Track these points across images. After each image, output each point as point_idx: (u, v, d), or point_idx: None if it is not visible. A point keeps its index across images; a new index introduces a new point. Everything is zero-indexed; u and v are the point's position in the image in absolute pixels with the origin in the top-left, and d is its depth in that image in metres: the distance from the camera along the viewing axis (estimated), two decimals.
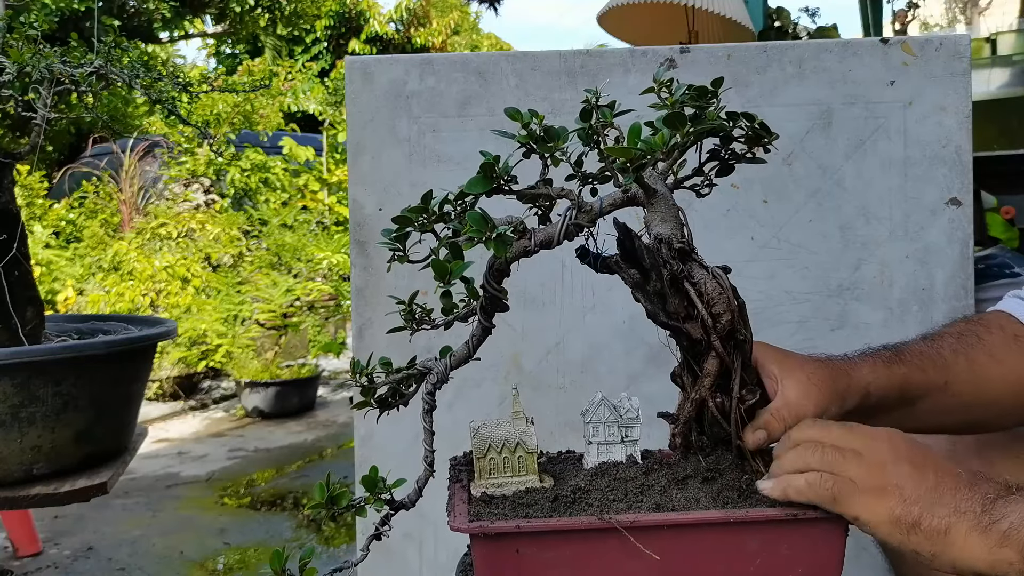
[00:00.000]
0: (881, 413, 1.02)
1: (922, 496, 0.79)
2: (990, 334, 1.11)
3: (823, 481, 0.80)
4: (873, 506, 0.79)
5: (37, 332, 1.63)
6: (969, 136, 1.58)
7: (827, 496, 0.80)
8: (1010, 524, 0.75)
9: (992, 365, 1.08)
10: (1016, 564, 0.75)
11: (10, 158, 1.57)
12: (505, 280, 0.84)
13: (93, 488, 1.52)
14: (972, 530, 0.77)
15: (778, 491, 0.82)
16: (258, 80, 7.48)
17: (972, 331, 1.11)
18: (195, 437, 4.61)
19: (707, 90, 0.82)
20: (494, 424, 0.91)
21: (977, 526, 0.77)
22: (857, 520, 0.80)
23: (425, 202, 0.80)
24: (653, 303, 0.87)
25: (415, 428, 0.85)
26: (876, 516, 0.79)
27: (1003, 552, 0.75)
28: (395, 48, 13.42)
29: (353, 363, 0.86)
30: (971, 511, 0.77)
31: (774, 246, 1.61)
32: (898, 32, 5.01)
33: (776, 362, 0.96)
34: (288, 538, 3.15)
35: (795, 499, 0.81)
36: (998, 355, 1.09)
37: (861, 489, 0.80)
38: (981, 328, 1.12)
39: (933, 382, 1.05)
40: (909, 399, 1.04)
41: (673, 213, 0.86)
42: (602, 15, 3.27)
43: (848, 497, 0.80)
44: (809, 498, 0.80)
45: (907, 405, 1.04)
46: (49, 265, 5.51)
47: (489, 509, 0.83)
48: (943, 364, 1.06)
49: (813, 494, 0.80)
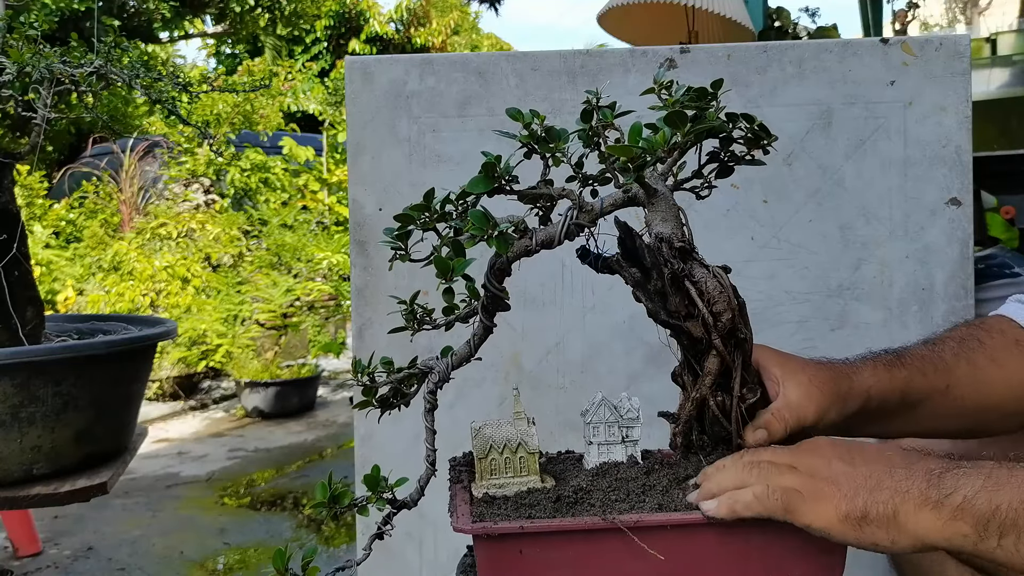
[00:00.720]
0: (882, 417, 1.02)
1: (860, 486, 0.78)
2: (991, 338, 1.11)
3: (771, 493, 0.79)
4: (821, 511, 0.78)
5: (37, 332, 1.63)
6: (969, 136, 1.58)
7: (778, 508, 0.79)
8: (963, 497, 0.75)
9: (993, 369, 1.08)
10: (970, 536, 0.74)
11: (10, 158, 1.57)
12: (506, 280, 0.84)
13: (93, 488, 1.52)
14: (921, 507, 0.76)
15: (724, 509, 0.80)
16: (258, 80, 7.48)
17: (973, 335, 1.11)
18: (195, 437, 4.61)
19: (707, 91, 0.82)
20: (495, 425, 0.91)
21: (926, 502, 0.76)
22: (810, 527, 0.79)
23: (427, 200, 0.80)
24: (654, 302, 0.87)
25: (415, 428, 0.85)
26: (826, 519, 0.78)
27: (957, 525, 0.74)
28: (395, 48, 13.42)
29: (355, 363, 0.86)
30: (914, 488, 0.77)
31: (774, 246, 1.61)
32: (898, 32, 5.01)
33: (778, 364, 0.96)
34: (288, 538, 3.15)
35: (743, 514, 0.80)
36: (999, 359, 1.09)
37: (806, 497, 0.79)
38: (983, 332, 1.12)
39: (934, 386, 1.05)
40: (910, 403, 1.04)
41: (673, 213, 0.86)
42: (602, 15, 3.27)
43: (797, 506, 0.79)
44: (758, 512, 0.79)
45: (908, 409, 1.04)
46: (49, 265, 5.51)
47: (491, 510, 0.83)
48: (944, 368, 1.06)
49: (762, 507, 0.79)
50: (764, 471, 0.82)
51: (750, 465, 0.83)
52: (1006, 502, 0.73)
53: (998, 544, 0.73)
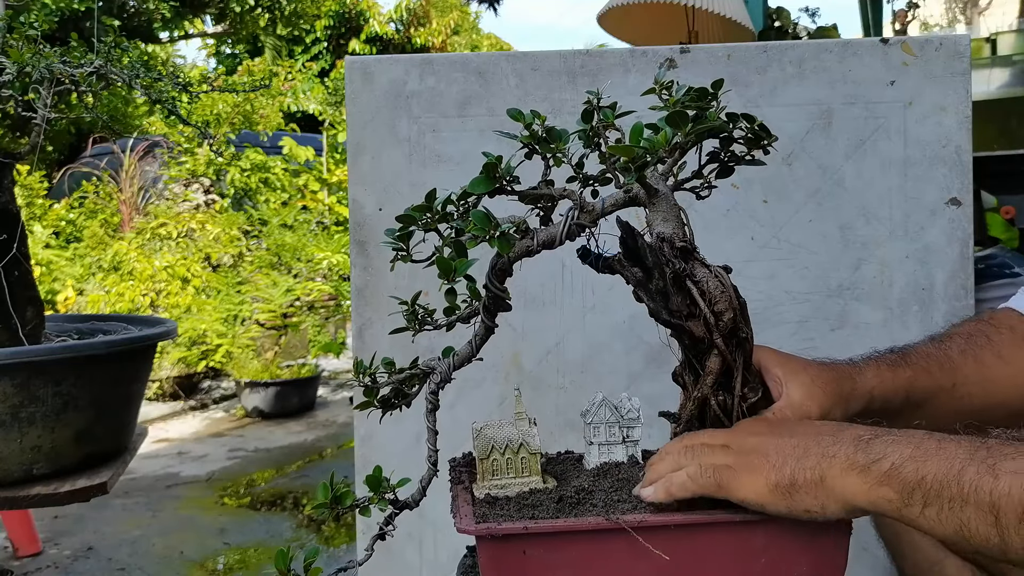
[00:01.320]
0: (887, 416, 1.01)
1: (788, 455, 0.79)
2: (1000, 334, 1.11)
3: (703, 472, 0.81)
4: (751, 483, 0.79)
5: (37, 332, 1.63)
6: (969, 136, 1.58)
7: (711, 484, 0.80)
8: (891, 464, 0.75)
9: (1001, 366, 1.08)
10: (895, 501, 0.75)
11: (10, 158, 1.57)
12: (507, 280, 0.84)
13: (93, 488, 1.52)
14: (848, 470, 0.77)
15: (661, 492, 0.81)
16: (258, 80, 7.48)
17: (982, 331, 1.11)
18: (195, 437, 4.61)
19: (707, 91, 0.82)
20: (496, 425, 0.91)
21: (853, 466, 0.77)
22: (745, 501, 0.80)
23: (429, 201, 0.80)
24: (656, 301, 0.87)
25: (415, 428, 0.85)
26: (757, 491, 0.79)
27: (882, 490, 0.75)
28: (395, 48, 13.41)
29: (356, 363, 0.86)
30: (840, 453, 0.78)
31: (774, 246, 1.61)
32: (898, 32, 5.01)
33: (780, 365, 0.96)
34: (288, 538, 3.15)
35: (679, 495, 0.81)
36: (1007, 356, 1.09)
37: (737, 472, 0.80)
38: (991, 328, 1.12)
39: (940, 384, 1.05)
40: (915, 402, 1.03)
41: (675, 213, 0.86)
42: (602, 15, 3.27)
43: (730, 481, 0.80)
44: (693, 491, 0.81)
45: (914, 408, 1.04)
46: (49, 265, 5.51)
47: (494, 511, 0.83)
48: (951, 366, 1.06)
49: (696, 486, 0.81)
50: (698, 452, 0.83)
51: (686, 448, 0.84)
52: (932, 473, 0.73)
53: (921, 512, 0.74)
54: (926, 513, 0.74)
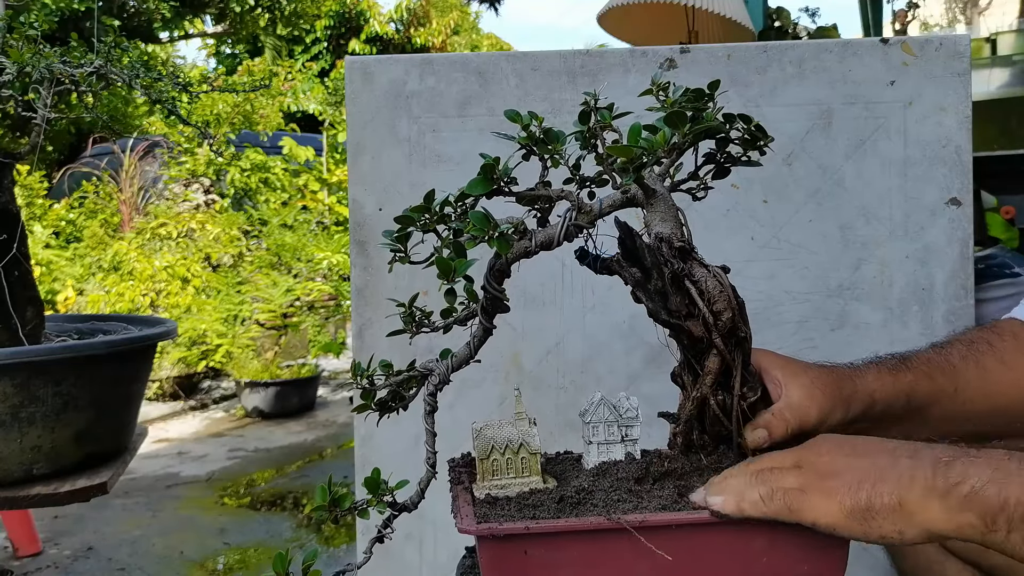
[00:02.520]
0: (888, 421, 1.02)
1: (863, 478, 0.77)
2: (1002, 341, 1.10)
3: (774, 495, 0.79)
4: (825, 506, 0.77)
5: (37, 332, 1.63)
6: (969, 136, 1.58)
7: (783, 509, 0.79)
8: (971, 488, 0.73)
9: (1003, 372, 1.07)
10: (978, 527, 0.73)
11: (10, 158, 1.57)
12: (505, 280, 0.84)
13: (93, 488, 1.52)
14: (927, 495, 0.74)
15: (732, 505, 0.80)
16: (258, 80, 7.48)
17: (983, 338, 1.10)
18: (195, 437, 4.62)
19: (704, 92, 0.82)
20: (496, 425, 0.91)
21: (932, 490, 0.74)
22: (816, 524, 0.79)
23: (427, 201, 0.80)
24: (654, 301, 0.87)
25: (415, 428, 0.85)
26: (831, 514, 0.77)
27: (964, 516, 0.73)
28: (395, 48, 13.42)
29: (354, 365, 0.86)
30: (920, 476, 0.75)
31: (774, 246, 1.61)
32: (898, 32, 5.01)
33: (780, 367, 0.96)
34: (288, 538, 3.15)
35: (749, 513, 0.80)
36: (1009, 361, 1.08)
37: (809, 495, 0.78)
38: (993, 335, 1.11)
39: (942, 389, 1.04)
40: (916, 406, 1.03)
41: (673, 213, 0.86)
42: (602, 15, 3.27)
43: (801, 504, 0.78)
44: (764, 513, 0.79)
45: (915, 412, 1.03)
46: (49, 265, 5.51)
47: (495, 511, 0.83)
48: (952, 371, 1.05)
49: (767, 509, 0.79)
50: (767, 477, 0.82)
51: (754, 474, 0.82)
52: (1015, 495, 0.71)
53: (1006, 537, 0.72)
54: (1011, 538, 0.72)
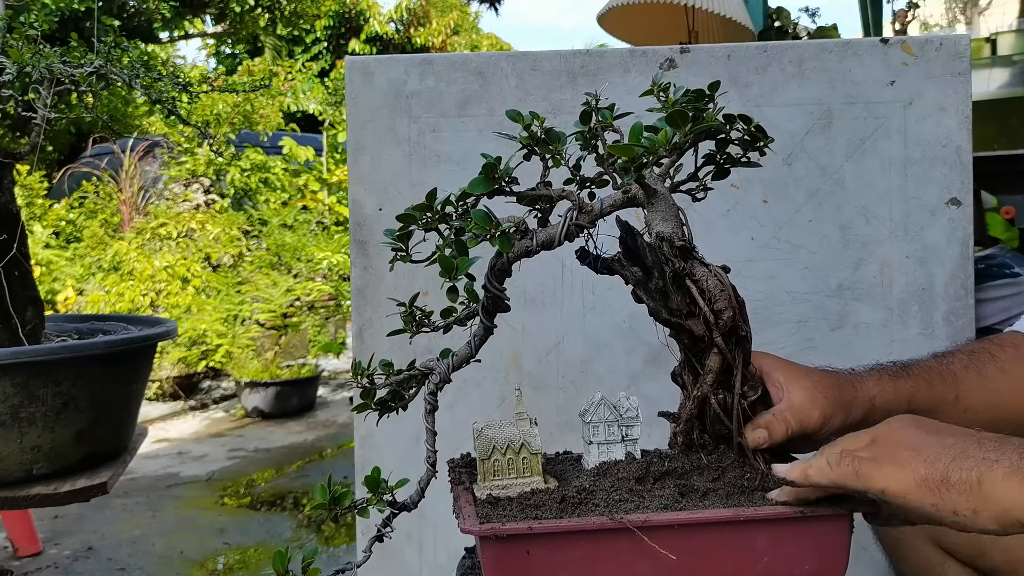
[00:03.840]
0: None
1: (943, 453, 0.76)
2: (1004, 351, 1.10)
3: (843, 458, 0.78)
4: (896, 475, 0.76)
5: (37, 332, 1.63)
6: (969, 136, 1.58)
7: (849, 473, 0.78)
8: None
9: (1004, 380, 1.07)
10: None
11: (10, 158, 1.57)
12: (506, 280, 0.84)
13: (93, 488, 1.52)
14: (1011, 476, 0.72)
15: (797, 472, 0.80)
16: (258, 80, 7.48)
17: (985, 349, 1.11)
18: (195, 437, 4.61)
19: (704, 93, 0.82)
20: (497, 425, 0.91)
21: (1016, 472, 0.72)
22: (885, 492, 0.77)
23: (429, 200, 0.80)
24: (655, 301, 0.87)
25: (415, 428, 0.85)
26: (902, 483, 0.76)
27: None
28: (395, 48, 13.41)
29: (354, 365, 0.86)
30: (1005, 459, 0.73)
31: (774, 246, 1.61)
32: (898, 32, 5.01)
33: (781, 371, 0.96)
34: (288, 538, 3.15)
35: (815, 479, 0.79)
36: (1011, 370, 1.08)
37: (881, 463, 0.77)
38: (995, 347, 1.12)
39: (942, 396, 1.04)
40: (917, 413, 1.01)
41: (673, 212, 0.87)
42: (602, 15, 3.27)
43: (870, 471, 0.77)
44: (831, 478, 0.78)
45: None
46: (49, 265, 5.51)
47: (497, 511, 0.83)
48: (953, 379, 1.06)
49: (834, 473, 0.78)
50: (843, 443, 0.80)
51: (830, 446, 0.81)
52: None
53: None
54: None
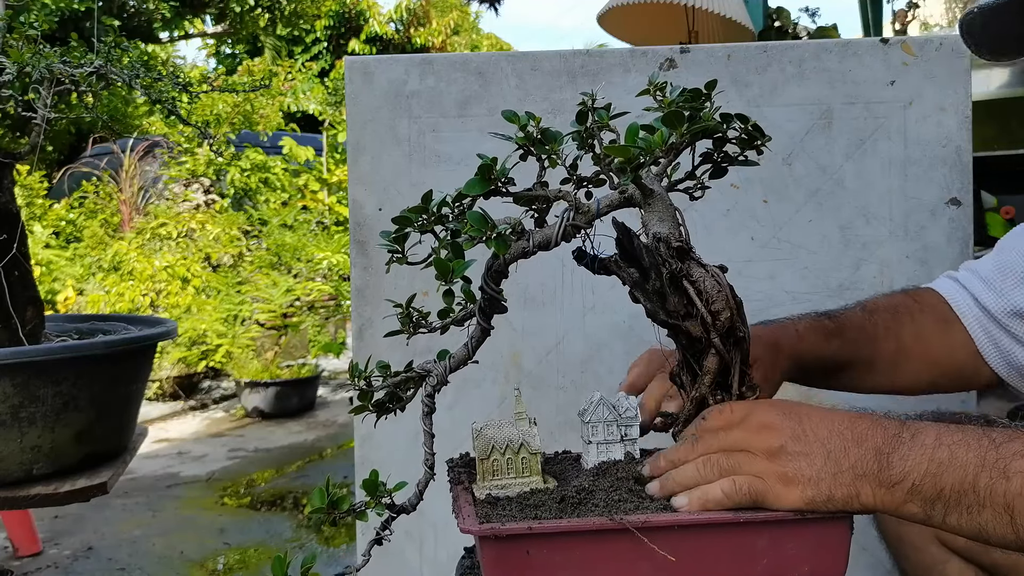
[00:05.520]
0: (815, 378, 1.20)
1: (821, 470, 0.82)
2: (923, 314, 1.21)
3: (738, 489, 0.82)
4: (786, 496, 0.81)
5: (37, 332, 1.63)
6: (969, 136, 1.58)
7: (747, 500, 0.82)
8: (912, 483, 0.80)
9: (916, 346, 1.20)
10: (919, 515, 0.81)
11: (10, 158, 1.57)
12: (504, 281, 0.84)
13: (93, 488, 1.52)
14: (878, 488, 0.81)
15: (696, 504, 0.83)
16: (258, 80, 7.48)
17: (907, 310, 1.21)
18: (195, 437, 4.61)
19: (701, 92, 0.82)
20: (497, 425, 0.91)
21: (881, 485, 0.81)
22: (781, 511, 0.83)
23: (425, 202, 0.80)
24: (653, 302, 0.87)
25: (415, 428, 0.85)
26: (794, 504, 0.81)
27: (908, 507, 0.81)
28: (395, 48, 13.41)
29: (352, 366, 0.86)
30: (869, 471, 0.81)
31: (774, 246, 1.61)
32: (898, 32, 5.00)
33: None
34: (288, 538, 3.15)
35: (715, 509, 0.82)
36: (924, 336, 1.20)
37: (769, 483, 0.82)
38: (915, 307, 1.22)
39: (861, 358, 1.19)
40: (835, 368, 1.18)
41: (670, 213, 0.86)
42: (602, 15, 3.27)
43: (764, 495, 0.82)
44: (728, 507, 0.82)
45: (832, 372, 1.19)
46: (49, 265, 5.51)
47: (496, 511, 0.83)
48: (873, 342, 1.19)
49: (732, 503, 0.82)
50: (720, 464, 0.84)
51: (705, 462, 0.85)
52: (949, 485, 0.79)
53: (943, 520, 0.80)
54: (948, 520, 0.80)
